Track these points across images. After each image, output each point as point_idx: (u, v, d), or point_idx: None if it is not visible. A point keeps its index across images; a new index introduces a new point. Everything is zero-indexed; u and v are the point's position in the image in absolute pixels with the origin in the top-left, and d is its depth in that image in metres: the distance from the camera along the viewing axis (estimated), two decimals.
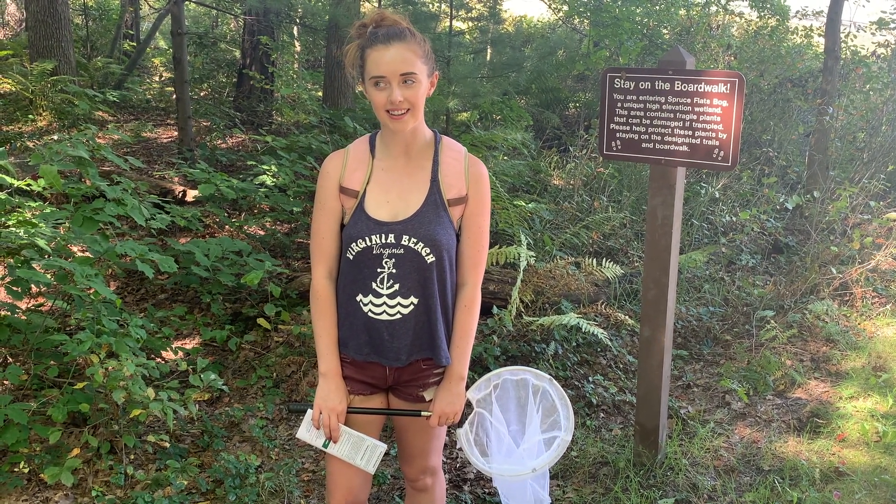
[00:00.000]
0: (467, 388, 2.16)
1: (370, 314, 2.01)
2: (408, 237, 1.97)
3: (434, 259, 1.99)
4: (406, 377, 2.11)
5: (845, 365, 4.26)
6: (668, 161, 2.95)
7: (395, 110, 1.90)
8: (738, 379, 4.12)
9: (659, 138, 2.94)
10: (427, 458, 2.26)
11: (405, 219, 1.98)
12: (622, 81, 2.98)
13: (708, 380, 4.25)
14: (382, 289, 2.00)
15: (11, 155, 5.92)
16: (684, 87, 2.85)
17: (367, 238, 1.97)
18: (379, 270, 1.99)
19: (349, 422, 2.12)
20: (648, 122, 2.95)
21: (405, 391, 2.13)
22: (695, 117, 2.86)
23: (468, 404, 2.20)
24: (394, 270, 1.98)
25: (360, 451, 2.10)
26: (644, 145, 2.98)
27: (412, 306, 2.01)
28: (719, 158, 2.84)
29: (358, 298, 2.02)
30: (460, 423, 2.21)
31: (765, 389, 4.05)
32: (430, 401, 2.13)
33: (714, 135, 2.83)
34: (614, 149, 3.07)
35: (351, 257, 2.01)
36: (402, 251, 1.98)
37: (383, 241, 1.97)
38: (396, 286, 1.99)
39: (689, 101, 2.85)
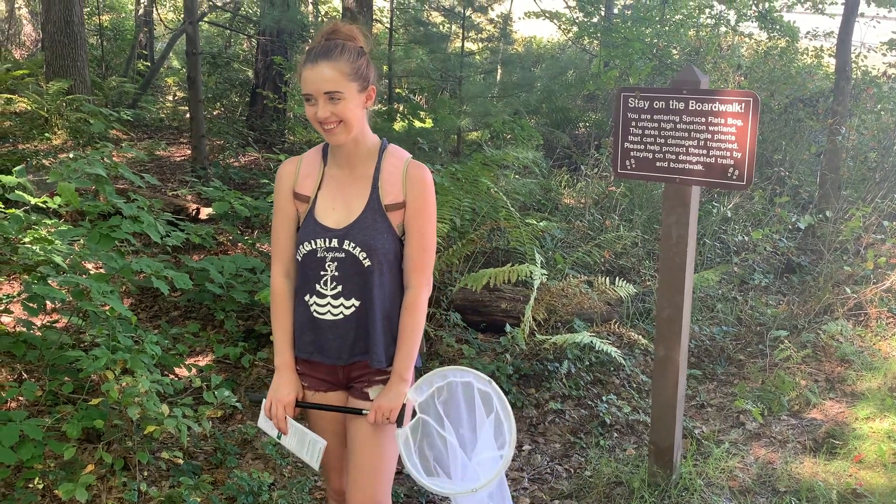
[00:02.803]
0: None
1: (315, 313, 2.12)
2: (348, 242, 2.07)
3: (370, 263, 2.07)
4: (355, 374, 2.18)
5: (861, 385, 4.23)
6: (682, 180, 2.96)
7: (325, 124, 2.00)
8: (752, 399, 4.10)
9: (673, 157, 2.95)
10: (371, 485, 2.16)
11: (348, 225, 2.08)
12: (636, 100, 2.99)
13: (722, 399, 4.22)
14: (326, 290, 2.10)
15: (28, 173, 5.97)
16: (698, 106, 2.86)
17: (312, 241, 2.09)
18: (322, 273, 2.09)
19: (309, 420, 2.24)
20: (663, 141, 2.96)
21: (356, 388, 2.20)
22: (709, 136, 2.87)
23: (413, 412, 2.17)
24: (336, 273, 2.08)
25: (304, 444, 2.17)
26: (658, 164, 2.99)
27: (354, 308, 2.10)
28: (734, 177, 2.84)
29: (305, 298, 2.13)
30: (399, 424, 2.16)
31: (779, 409, 4.02)
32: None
33: (729, 154, 2.84)
34: (628, 167, 3.08)
35: (299, 258, 2.12)
36: (343, 255, 2.07)
37: (327, 244, 2.08)
38: (339, 288, 2.09)
39: (703, 120, 2.86)
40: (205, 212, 6.13)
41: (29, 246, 3.66)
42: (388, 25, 8.90)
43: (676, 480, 3.29)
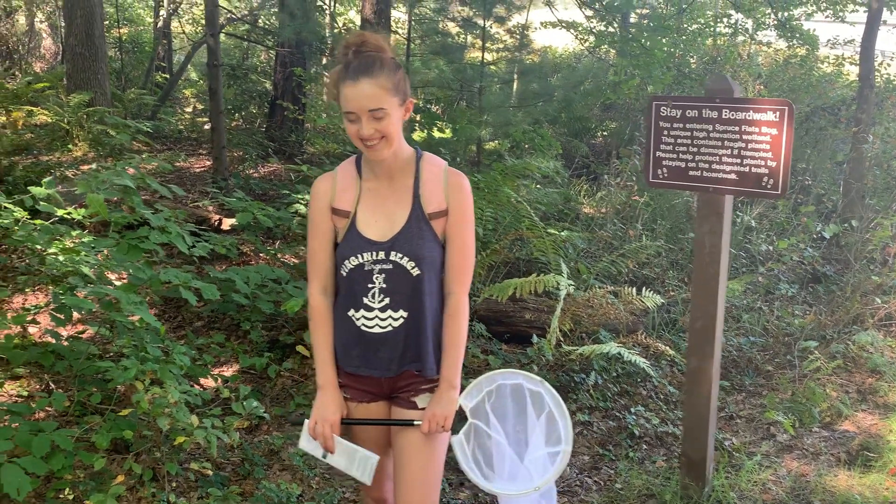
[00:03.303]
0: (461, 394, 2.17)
1: (363, 328, 2.10)
2: (395, 253, 2.06)
3: (419, 272, 2.06)
4: (402, 384, 2.17)
5: (893, 397, 4.17)
6: (716, 189, 2.93)
7: (368, 141, 1.98)
8: (782, 410, 4.04)
9: (706, 166, 2.93)
10: (425, 494, 2.16)
11: (393, 236, 2.06)
12: (668, 109, 2.97)
13: (751, 411, 4.17)
14: (374, 303, 2.08)
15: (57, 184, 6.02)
16: (732, 114, 2.84)
17: (359, 255, 2.07)
18: (370, 286, 2.08)
19: (351, 432, 2.20)
20: (696, 149, 2.94)
21: (402, 398, 2.18)
22: (743, 145, 2.84)
23: (464, 417, 2.17)
24: (384, 285, 2.07)
25: (354, 461, 2.14)
26: (691, 173, 2.96)
27: (402, 319, 2.08)
28: (769, 186, 2.81)
29: (350, 313, 2.11)
30: (454, 433, 2.18)
31: (811, 421, 3.96)
32: (423, 409, 2.15)
33: (763, 163, 2.81)
34: (660, 176, 3.05)
35: (344, 274, 2.10)
36: (390, 266, 2.06)
37: (374, 257, 2.07)
38: (387, 300, 2.08)
39: (736, 128, 2.84)
40: (227, 222, 6.14)
41: (56, 257, 3.67)
42: (406, 36, 8.92)
43: (709, 493, 3.25)
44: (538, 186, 6.23)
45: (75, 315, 4.28)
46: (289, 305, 4.01)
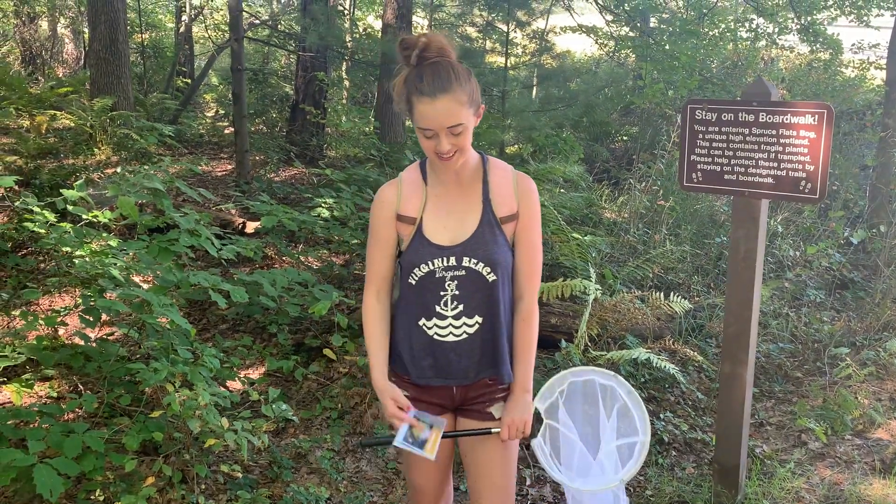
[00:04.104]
0: (533, 398, 2.15)
1: (436, 336, 2.05)
2: (468, 258, 2.01)
3: (495, 277, 2.03)
4: (473, 394, 2.13)
5: None
6: (751, 193, 2.90)
7: (444, 155, 1.94)
8: (813, 417, 3.99)
9: (742, 170, 2.90)
10: (499, 497, 2.17)
11: (464, 241, 2.02)
12: (703, 113, 2.94)
13: (781, 418, 4.12)
14: (447, 311, 2.04)
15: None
16: (769, 118, 2.81)
17: (429, 262, 2.02)
18: (442, 293, 2.03)
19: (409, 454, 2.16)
20: (731, 153, 2.91)
21: (473, 409, 2.14)
22: (780, 149, 2.81)
23: (538, 418, 2.16)
24: (457, 292, 2.03)
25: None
26: (727, 177, 2.93)
27: (477, 325, 2.05)
28: (806, 190, 2.78)
29: (421, 323, 2.06)
30: (532, 436, 2.17)
31: (843, 429, 3.91)
32: (499, 418, 2.12)
33: (801, 167, 2.77)
34: (695, 180, 3.02)
35: (413, 282, 2.05)
36: (463, 272, 2.02)
37: (445, 263, 2.02)
38: (461, 307, 2.03)
39: (774, 132, 2.81)
40: (251, 226, 6.17)
41: (85, 259, 3.69)
42: None
43: (741, 501, 3.21)
44: (562, 191, 6.21)
45: (104, 317, 4.30)
46: (316, 308, 4.01)
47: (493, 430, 2.09)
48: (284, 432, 3.85)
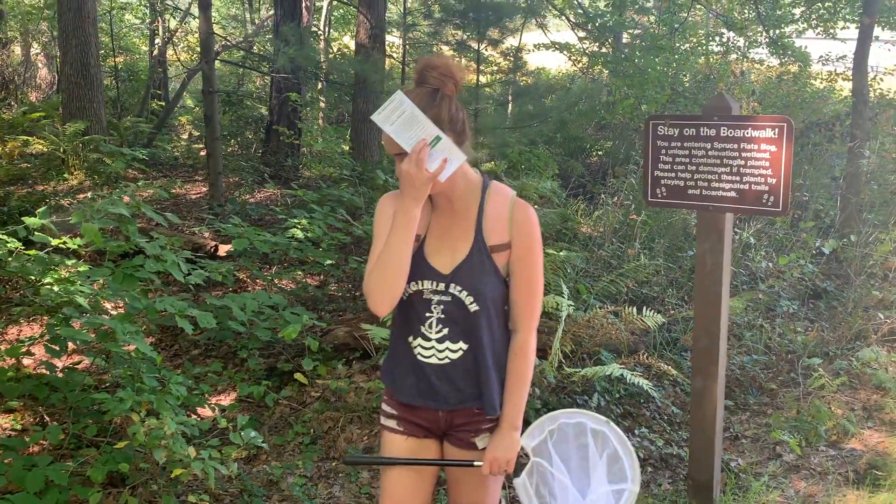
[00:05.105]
0: (522, 434, 2.11)
1: (419, 356, 2.03)
2: (454, 285, 1.98)
3: (478, 308, 1.98)
4: (459, 421, 2.09)
5: None
6: (715, 207, 2.91)
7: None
8: (788, 429, 3.99)
9: (705, 184, 2.91)
10: None
11: (454, 268, 1.98)
12: (666, 128, 2.96)
13: (756, 430, 4.12)
14: (431, 333, 2.01)
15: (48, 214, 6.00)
16: (730, 132, 2.82)
17: (420, 282, 2.00)
18: (427, 315, 2.01)
19: (408, 471, 2.10)
20: (694, 168, 2.92)
21: (458, 437, 2.10)
22: (742, 163, 2.82)
23: (525, 454, 2.13)
24: (442, 316, 2.00)
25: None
26: (690, 192, 2.94)
27: (461, 352, 2.01)
28: (769, 203, 2.79)
29: (409, 339, 2.04)
30: (516, 474, 2.14)
31: (817, 440, 3.91)
32: (483, 449, 2.08)
33: (763, 180, 2.79)
34: (659, 196, 3.03)
35: (405, 298, 2.02)
36: (449, 298, 1.99)
37: (434, 287, 1.99)
38: (445, 331, 2.00)
39: (735, 146, 2.82)
40: (223, 249, 6.11)
41: (51, 287, 3.63)
42: (401, 61, 8.96)
43: None
44: (536, 207, 6.21)
45: (71, 346, 4.23)
46: (287, 332, 3.97)
47: (475, 464, 2.05)
48: (256, 459, 3.79)
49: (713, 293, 2.98)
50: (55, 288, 3.61)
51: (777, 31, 9.69)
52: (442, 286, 1.98)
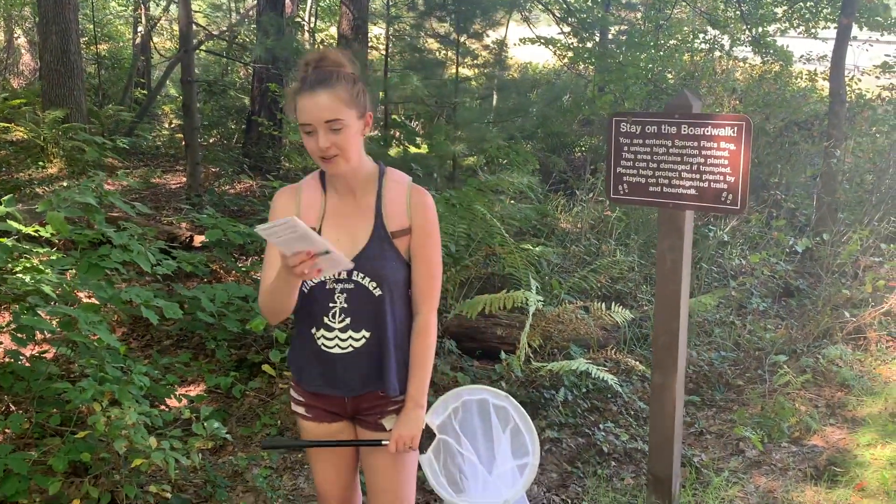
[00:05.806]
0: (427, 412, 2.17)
1: (323, 347, 2.06)
2: (357, 272, 2.01)
3: (381, 293, 2.03)
4: (365, 405, 2.14)
5: (862, 411, 4.17)
6: (675, 205, 2.93)
7: (325, 153, 1.93)
8: (751, 425, 4.03)
9: (666, 182, 2.93)
10: (388, 500, 2.19)
11: (355, 256, 2.01)
12: (628, 125, 2.98)
13: (721, 426, 4.16)
14: (334, 323, 2.04)
15: (20, 202, 5.96)
16: (691, 130, 2.84)
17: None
18: (331, 305, 2.04)
19: (323, 452, 2.19)
20: (655, 165, 2.94)
21: (367, 419, 2.16)
22: (702, 161, 2.84)
23: (431, 433, 2.17)
24: (345, 305, 2.03)
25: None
26: (651, 189, 2.96)
27: (364, 340, 2.05)
28: (728, 202, 2.81)
29: (311, 331, 2.07)
30: (423, 451, 2.18)
31: (780, 436, 3.96)
32: (391, 429, 2.13)
33: (722, 178, 2.81)
34: (621, 192, 3.05)
35: (305, 291, 2.05)
36: (352, 286, 2.02)
37: (336, 276, 2.01)
38: (348, 320, 2.04)
39: (695, 144, 2.84)
40: (198, 239, 6.09)
41: (19, 276, 3.61)
42: (384, 52, 8.93)
43: None
44: (512, 202, 6.23)
45: (39, 335, 4.21)
46: (254, 324, 3.97)
47: (382, 443, 2.10)
48: (223, 450, 3.79)
49: (672, 291, 3.00)
50: (26, 277, 3.60)
51: (759, 30, 9.73)
52: (344, 274, 2.01)
